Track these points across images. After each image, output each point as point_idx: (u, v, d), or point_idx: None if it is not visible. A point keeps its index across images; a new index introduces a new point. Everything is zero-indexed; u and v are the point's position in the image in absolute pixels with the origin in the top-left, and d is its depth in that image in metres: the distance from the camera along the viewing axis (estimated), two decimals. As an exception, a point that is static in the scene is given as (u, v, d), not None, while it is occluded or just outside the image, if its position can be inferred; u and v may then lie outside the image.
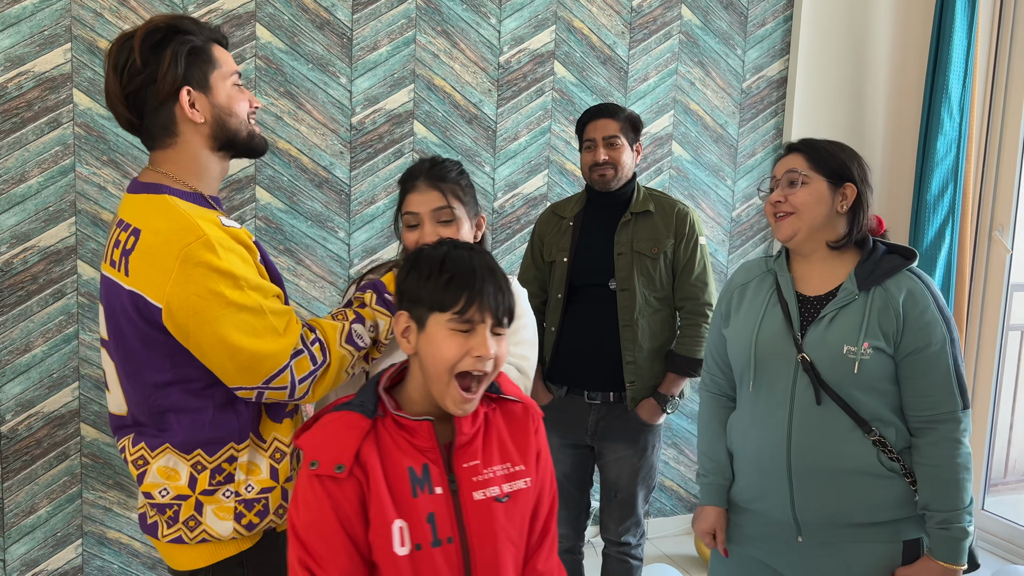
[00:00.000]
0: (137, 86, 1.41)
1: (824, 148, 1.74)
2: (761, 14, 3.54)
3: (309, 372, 1.46)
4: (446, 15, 3.04)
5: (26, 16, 2.52)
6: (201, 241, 1.36)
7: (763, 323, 1.77)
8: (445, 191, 1.67)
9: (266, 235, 2.89)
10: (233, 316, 1.38)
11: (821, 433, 1.68)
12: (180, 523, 1.47)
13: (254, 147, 1.55)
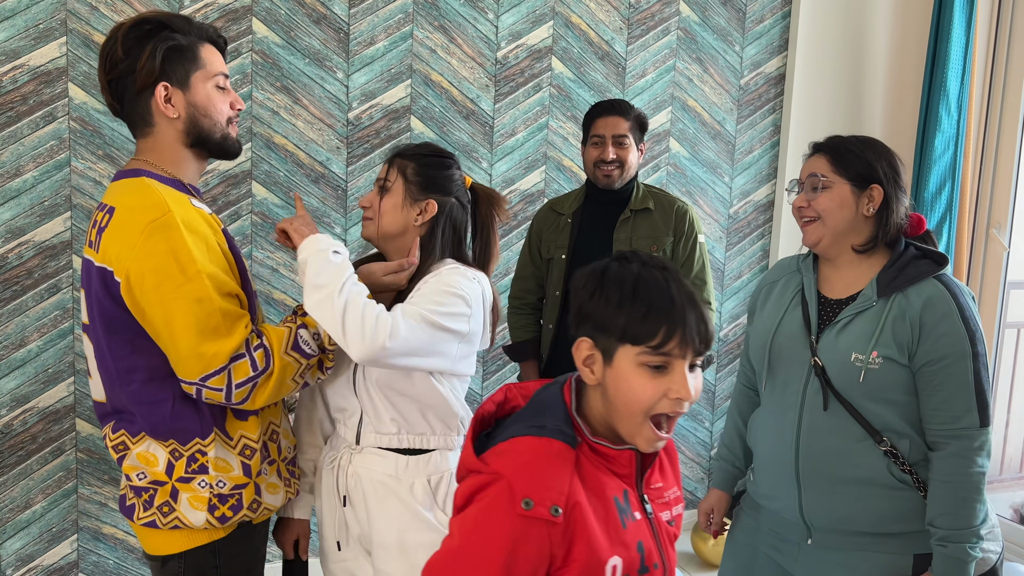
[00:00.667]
0: (118, 74, 1.47)
1: (849, 148, 1.67)
2: (759, 10, 3.53)
3: (248, 378, 1.45)
4: (443, 10, 3.03)
5: (21, 9, 2.51)
6: (166, 218, 1.39)
7: (782, 323, 1.75)
8: (393, 164, 1.73)
9: (262, 231, 2.88)
10: (183, 302, 1.39)
11: (829, 439, 1.65)
12: (154, 508, 1.50)
13: (226, 149, 1.57)
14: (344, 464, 1.74)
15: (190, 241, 1.40)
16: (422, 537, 1.68)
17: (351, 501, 1.74)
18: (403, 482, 1.70)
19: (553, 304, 2.48)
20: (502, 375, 3.29)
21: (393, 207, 1.71)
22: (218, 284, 1.43)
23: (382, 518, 1.69)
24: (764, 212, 3.67)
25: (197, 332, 1.40)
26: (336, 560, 1.80)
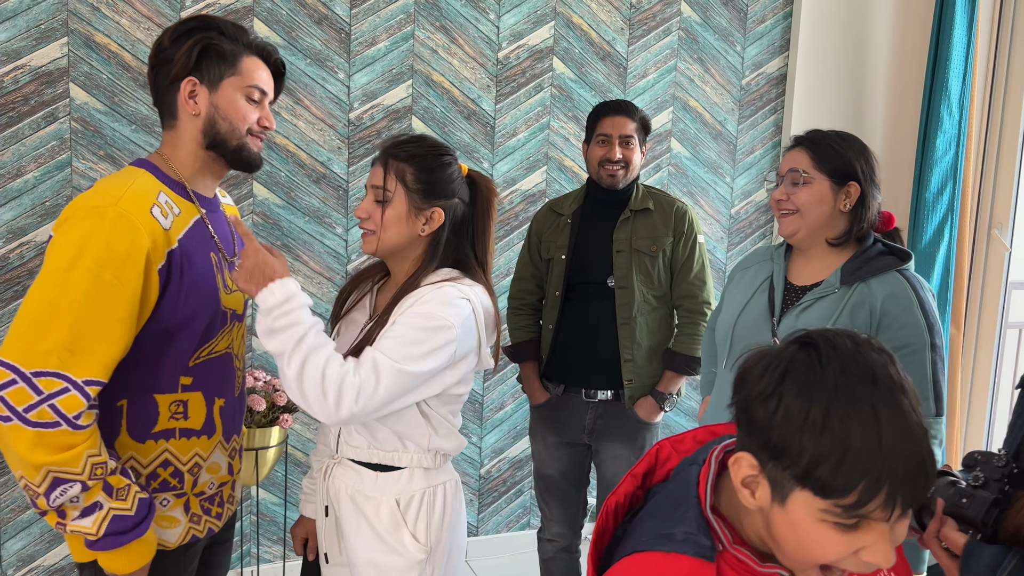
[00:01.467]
0: (158, 62, 1.49)
1: (830, 144, 1.72)
2: (761, 11, 3.53)
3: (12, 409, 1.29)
4: (445, 10, 3.03)
5: (23, 10, 2.51)
6: (105, 209, 1.34)
7: (747, 307, 1.82)
8: (390, 169, 1.57)
9: (263, 230, 2.88)
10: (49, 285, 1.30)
11: None
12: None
13: (243, 159, 1.53)
14: (328, 473, 1.69)
15: (106, 238, 1.32)
16: (388, 559, 1.59)
17: (331, 512, 1.70)
18: (371, 500, 1.61)
19: (553, 305, 2.47)
20: (503, 375, 3.29)
21: (396, 220, 1.56)
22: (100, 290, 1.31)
23: (351, 535, 1.63)
24: (765, 212, 3.67)
25: (31, 314, 1.30)
26: (327, 571, 1.76)
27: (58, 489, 1.31)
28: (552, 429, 2.50)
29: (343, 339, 1.69)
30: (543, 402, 2.50)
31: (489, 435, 3.32)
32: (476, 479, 3.32)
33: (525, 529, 3.43)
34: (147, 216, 1.38)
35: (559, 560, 2.58)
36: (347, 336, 1.68)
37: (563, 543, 2.58)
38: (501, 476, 3.36)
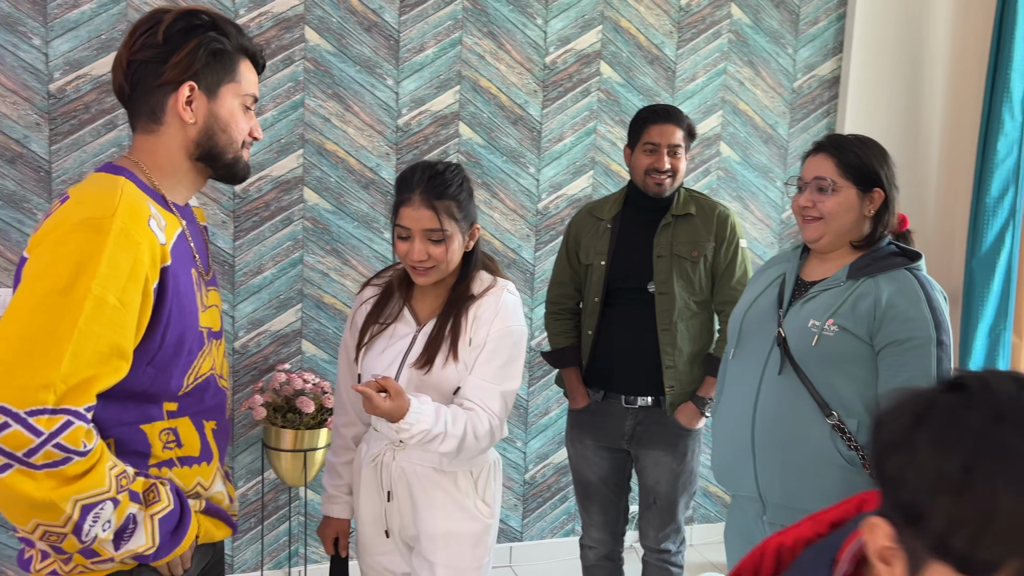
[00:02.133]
0: (145, 58, 1.31)
1: (854, 152, 1.74)
2: (813, 12, 3.46)
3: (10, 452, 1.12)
4: (492, 16, 3.04)
5: (84, 20, 2.59)
6: (104, 222, 1.19)
7: (758, 300, 1.86)
8: (439, 211, 1.68)
9: (313, 235, 2.93)
10: (40, 310, 1.14)
11: (780, 406, 1.72)
12: (54, 553, 1.26)
13: (235, 172, 1.41)
14: (388, 461, 1.80)
15: (110, 257, 1.18)
16: (466, 527, 1.78)
17: (395, 495, 1.80)
18: (447, 474, 1.77)
19: (592, 310, 2.44)
20: (547, 380, 3.28)
21: (458, 249, 1.74)
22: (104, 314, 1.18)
23: (428, 509, 1.77)
24: (817, 217, 3.60)
25: (20, 347, 1.13)
26: (374, 553, 1.86)
27: (90, 516, 1.18)
28: (590, 433, 2.48)
29: (395, 346, 1.79)
30: (583, 407, 2.49)
31: (534, 440, 3.31)
32: (520, 484, 3.32)
33: (570, 536, 3.41)
34: (146, 229, 1.24)
35: (601, 568, 2.56)
36: (398, 345, 1.78)
37: (604, 550, 2.56)
38: (546, 482, 3.36)
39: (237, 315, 2.88)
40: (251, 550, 2.99)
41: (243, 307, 2.88)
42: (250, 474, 2.95)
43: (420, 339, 1.77)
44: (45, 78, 2.58)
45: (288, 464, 2.74)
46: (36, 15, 2.55)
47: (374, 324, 1.82)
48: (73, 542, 1.18)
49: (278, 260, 2.90)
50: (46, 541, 1.18)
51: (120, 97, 1.36)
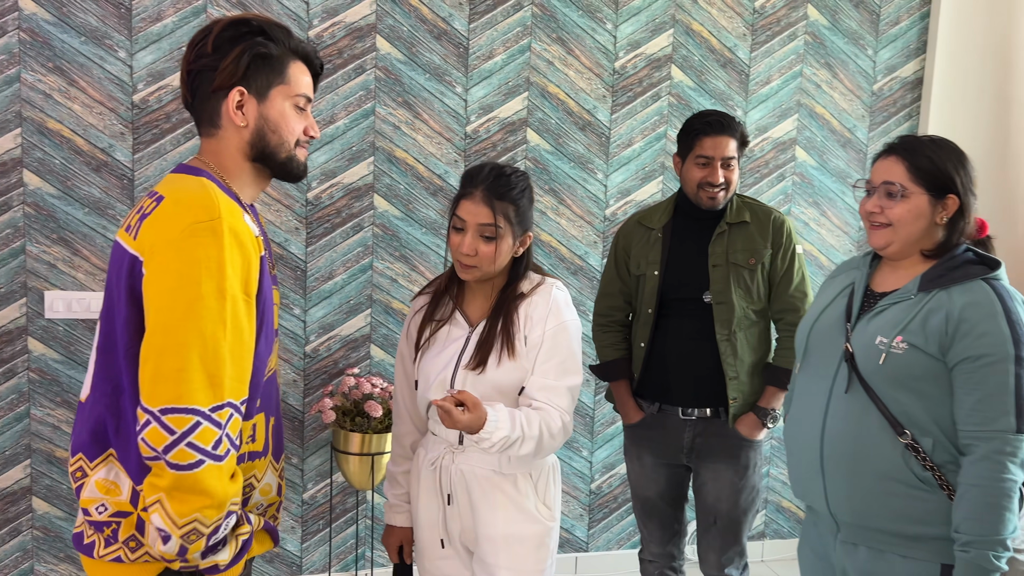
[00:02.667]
0: (199, 67, 1.39)
1: (928, 155, 1.63)
2: (895, 12, 3.34)
3: (201, 448, 1.24)
4: (561, 22, 3.03)
5: (166, 33, 2.69)
6: (215, 224, 1.27)
7: (825, 312, 1.78)
8: (497, 210, 1.73)
9: (383, 242, 2.96)
10: (193, 317, 1.24)
11: (849, 424, 1.64)
12: (120, 542, 1.34)
13: (290, 170, 1.46)
14: (447, 464, 1.80)
15: (230, 256, 1.27)
16: (528, 529, 1.78)
17: (455, 499, 1.80)
18: (507, 477, 1.78)
19: (645, 322, 2.37)
20: (616, 389, 3.24)
21: (507, 251, 1.76)
22: (238, 311, 1.29)
23: (488, 511, 1.77)
24: (898, 224, 3.47)
25: (194, 353, 1.24)
26: (434, 558, 1.85)
27: (224, 522, 1.29)
28: (648, 449, 2.42)
29: (449, 348, 1.81)
30: (637, 422, 2.43)
31: (600, 450, 3.27)
32: (586, 494, 3.28)
33: (636, 548, 3.35)
34: (244, 224, 1.33)
35: None
36: (452, 348, 1.81)
37: (664, 564, 2.50)
38: (612, 492, 3.31)
39: (308, 320, 2.93)
40: (319, 552, 3.03)
41: (314, 312, 2.93)
42: (319, 476, 2.99)
43: (472, 340, 1.78)
44: (129, 89, 2.69)
45: (356, 468, 2.77)
46: (122, 29, 2.65)
47: (428, 325, 1.84)
48: (200, 544, 1.27)
49: (348, 266, 2.95)
50: (183, 539, 1.26)
51: (186, 106, 1.45)
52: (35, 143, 2.61)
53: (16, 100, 2.58)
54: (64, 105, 2.63)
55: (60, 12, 2.59)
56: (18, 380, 2.67)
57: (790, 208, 3.35)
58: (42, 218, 2.64)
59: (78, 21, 2.61)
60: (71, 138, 2.65)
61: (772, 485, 3.47)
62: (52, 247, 2.66)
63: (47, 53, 2.59)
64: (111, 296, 1.36)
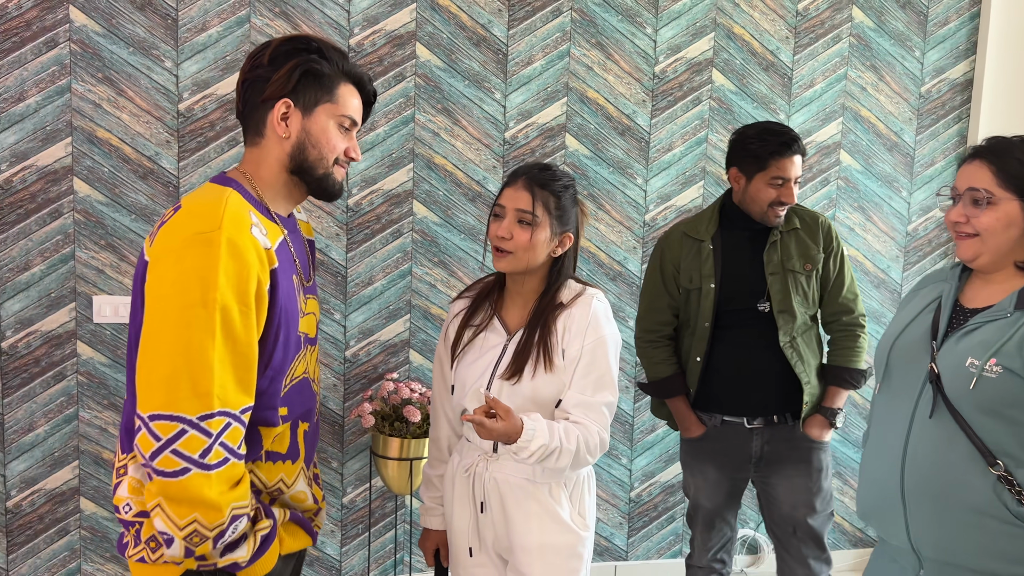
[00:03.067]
0: (253, 78, 1.43)
1: (1017, 158, 1.50)
2: (943, 12, 3.27)
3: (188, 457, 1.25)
4: (601, 27, 3.02)
5: (211, 43, 2.74)
6: (212, 235, 1.29)
7: (909, 327, 1.64)
8: (536, 196, 1.73)
9: (422, 247, 2.97)
10: (183, 326, 1.26)
11: (935, 452, 1.50)
12: (143, 543, 1.36)
13: (326, 187, 1.49)
14: (481, 472, 1.79)
15: (224, 266, 1.28)
16: (562, 539, 1.76)
17: (488, 507, 1.79)
18: (540, 486, 1.76)
19: (702, 335, 2.33)
20: (656, 396, 3.20)
21: (542, 243, 1.74)
22: (230, 320, 1.30)
23: (522, 521, 1.75)
24: (948, 230, 3.38)
25: (180, 361, 1.25)
26: (468, 566, 1.84)
27: (231, 527, 1.30)
28: (712, 462, 2.39)
29: (486, 356, 1.80)
30: (699, 435, 2.39)
31: (639, 458, 3.24)
32: (626, 502, 3.25)
33: (676, 557, 3.31)
34: (249, 236, 1.34)
35: None
36: (489, 356, 1.80)
37: (714, 571, 2.46)
38: (652, 501, 3.27)
39: (348, 325, 2.95)
40: (358, 556, 3.04)
41: (354, 317, 2.95)
42: (359, 480, 3.01)
43: (510, 349, 1.77)
44: (175, 98, 2.74)
45: (394, 472, 2.78)
46: (168, 39, 2.71)
47: (466, 330, 1.84)
48: (208, 546, 1.28)
49: (388, 271, 2.96)
50: (187, 541, 1.27)
51: (238, 115, 1.50)
52: (85, 152, 2.68)
53: (67, 110, 2.65)
54: (112, 114, 2.69)
55: (109, 24, 2.65)
56: (67, 383, 2.74)
57: (835, 213, 3.28)
58: (91, 225, 2.71)
59: (126, 32, 2.67)
60: (119, 146, 2.71)
61: (816, 496, 3.40)
62: (100, 253, 2.72)
63: (96, 64, 2.66)
64: (135, 304, 1.40)
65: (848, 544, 3.47)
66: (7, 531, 2.74)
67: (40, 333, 2.70)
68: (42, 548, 2.77)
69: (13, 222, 2.65)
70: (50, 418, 2.74)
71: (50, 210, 2.67)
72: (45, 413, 2.73)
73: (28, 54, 2.61)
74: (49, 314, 2.70)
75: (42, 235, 2.67)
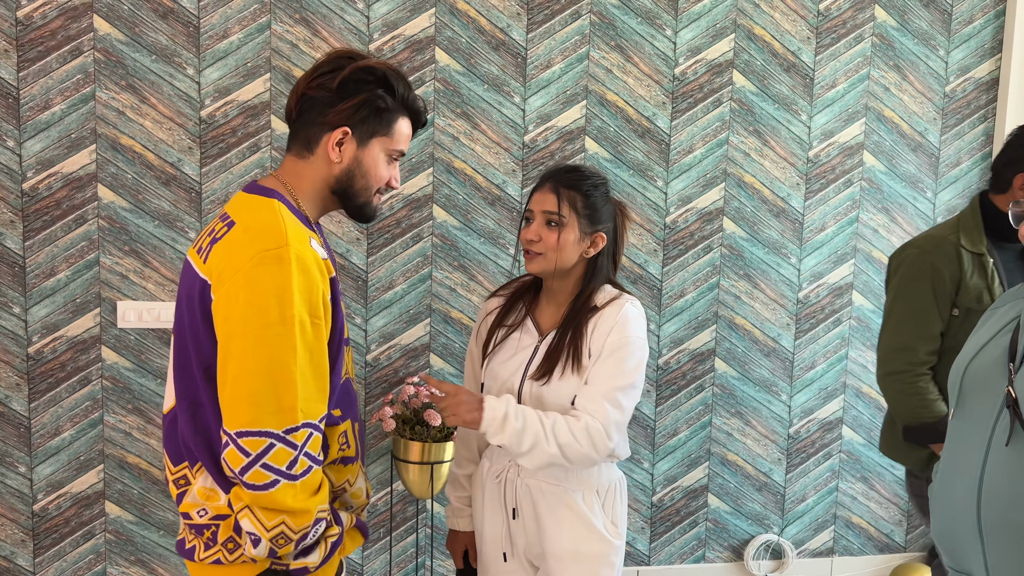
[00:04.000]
0: (318, 95, 1.45)
1: None
2: (968, 10, 3.23)
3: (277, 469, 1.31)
4: (620, 29, 3.01)
5: (232, 50, 2.76)
6: (281, 251, 1.32)
7: (984, 349, 1.52)
8: (562, 197, 1.73)
9: (442, 252, 2.97)
10: (265, 345, 1.30)
11: (1013, 483, 1.39)
12: (219, 544, 1.41)
13: (364, 213, 1.54)
14: (512, 477, 1.78)
15: (297, 282, 1.31)
16: (594, 547, 1.74)
17: (520, 513, 1.77)
18: (573, 492, 1.75)
19: None
20: (676, 401, 3.18)
21: (570, 243, 1.74)
22: (307, 334, 1.34)
23: (554, 528, 1.74)
24: (974, 230, 3.33)
25: (264, 378, 1.30)
26: (499, 573, 1.83)
27: (312, 530, 1.35)
28: None
29: (518, 356, 1.80)
30: None
31: (661, 462, 3.22)
32: (648, 507, 3.23)
33: (700, 562, 3.29)
34: (311, 249, 1.37)
35: None
36: (520, 356, 1.79)
37: None
38: (674, 505, 3.25)
39: (369, 329, 2.96)
40: (380, 560, 3.05)
41: (375, 321, 2.96)
42: (380, 484, 3.01)
43: (541, 350, 1.76)
44: (197, 105, 2.76)
45: (415, 476, 2.78)
46: (190, 46, 2.73)
47: (499, 329, 1.83)
48: (290, 548, 1.34)
49: (408, 275, 2.97)
50: (272, 543, 1.33)
51: (287, 119, 1.52)
52: (109, 159, 2.71)
53: (91, 118, 2.68)
54: (136, 122, 2.72)
55: (132, 32, 2.68)
56: (92, 388, 2.77)
57: (858, 214, 3.25)
58: (115, 231, 2.74)
59: (149, 40, 2.70)
60: (142, 153, 2.74)
61: (841, 500, 3.36)
62: (124, 259, 2.75)
63: (120, 72, 2.69)
64: (183, 316, 1.42)
65: (874, 550, 3.42)
66: (34, 534, 2.78)
67: (66, 338, 2.73)
68: (68, 551, 2.80)
69: (39, 228, 2.69)
70: (76, 422, 2.77)
71: (75, 216, 2.70)
72: (71, 417, 2.76)
73: (53, 63, 2.64)
74: (74, 319, 2.73)
75: (67, 241, 2.71)
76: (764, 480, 3.29)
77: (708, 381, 3.21)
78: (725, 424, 3.24)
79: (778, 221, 3.19)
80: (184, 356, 1.41)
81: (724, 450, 3.25)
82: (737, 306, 3.20)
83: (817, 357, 3.28)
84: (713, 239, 3.16)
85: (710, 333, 3.19)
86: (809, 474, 3.33)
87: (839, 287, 3.27)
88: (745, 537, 3.31)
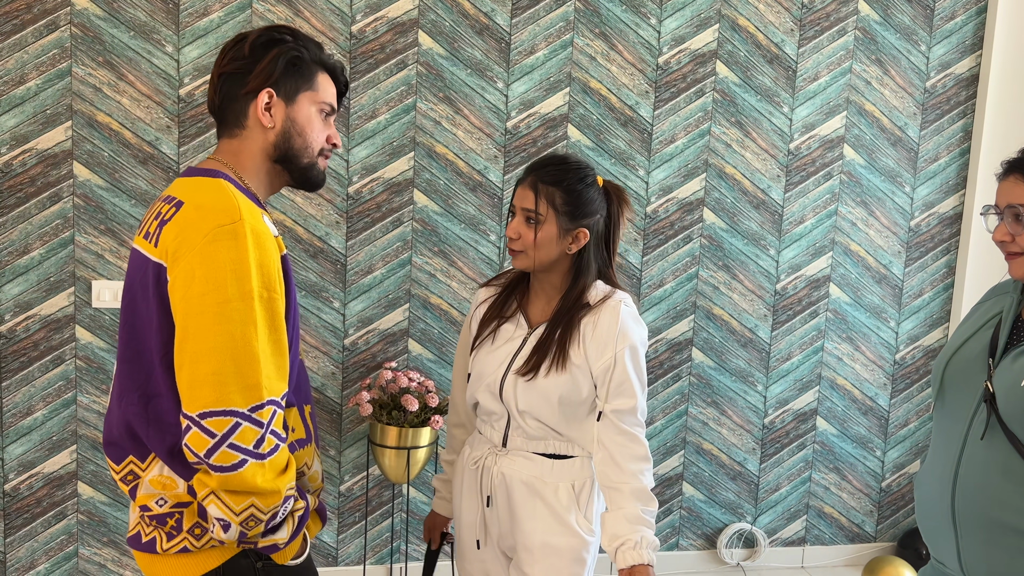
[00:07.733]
0: (232, 70, 1.43)
1: None
2: (950, 6, 3.24)
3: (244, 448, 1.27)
4: (605, 17, 3.00)
5: (212, 28, 2.72)
6: (236, 226, 1.29)
7: (966, 344, 1.54)
8: (540, 193, 1.70)
9: (422, 236, 2.96)
10: (224, 320, 1.26)
11: (986, 476, 1.42)
12: (184, 532, 1.36)
13: (310, 177, 1.50)
14: (489, 465, 1.78)
15: (254, 256, 1.29)
16: (566, 541, 1.73)
17: (495, 502, 1.78)
18: (548, 484, 1.74)
19: None
20: (653, 389, 3.20)
21: (548, 240, 1.70)
22: (266, 309, 1.31)
23: (527, 519, 1.74)
24: (951, 225, 3.36)
25: (226, 356, 1.26)
26: (473, 560, 1.84)
27: (281, 508, 1.33)
28: None
29: (505, 347, 1.79)
30: None
31: (638, 449, 3.24)
32: (624, 493, 3.25)
33: (673, 550, 3.32)
34: (264, 225, 1.35)
35: None
36: (507, 347, 1.78)
37: None
38: (649, 492, 3.27)
39: (348, 313, 2.95)
40: (355, 544, 3.05)
41: (353, 305, 2.95)
42: (356, 469, 3.01)
43: (529, 343, 1.75)
44: (176, 83, 2.73)
45: (392, 461, 2.78)
46: (169, 23, 2.69)
47: (492, 320, 1.82)
48: (260, 528, 1.32)
49: (388, 260, 2.96)
50: (243, 525, 1.31)
51: (212, 110, 1.48)
52: (85, 136, 2.67)
53: (67, 94, 2.64)
54: (113, 99, 2.68)
55: (111, 7, 2.64)
56: (66, 367, 2.74)
57: (837, 207, 3.27)
58: (91, 209, 2.70)
59: (128, 16, 2.66)
60: (119, 131, 2.70)
61: (814, 490, 3.40)
62: (100, 238, 2.72)
63: (97, 47, 2.65)
64: (134, 305, 1.38)
65: (844, 539, 3.47)
66: (4, 514, 2.75)
67: (39, 317, 2.70)
68: (40, 532, 2.78)
69: (13, 205, 2.65)
70: (48, 402, 2.74)
71: (50, 194, 2.67)
72: (43, 397, 2.74)
73: (29, 37, 2.60)
74: (48, 298, 2.70)
75: (41, 219, 2.67)
76: (738, 469, 3.32)
77: (685, 370, 3.23)
78: (701, 413, 3.26)
79: (758, 212, 3.21)
80: (134, 349, 1.38)
81: (699, 439, 3.27)
82: (715, 296, 3.22)
83: (793, 348, 3.31)
84: (693, 229, 3.17)
85: (688, 323, 3.21)
86: (783, 464, 3.36)
87: (816, 279, 3.29)
88: (718, 525, 3.35)
